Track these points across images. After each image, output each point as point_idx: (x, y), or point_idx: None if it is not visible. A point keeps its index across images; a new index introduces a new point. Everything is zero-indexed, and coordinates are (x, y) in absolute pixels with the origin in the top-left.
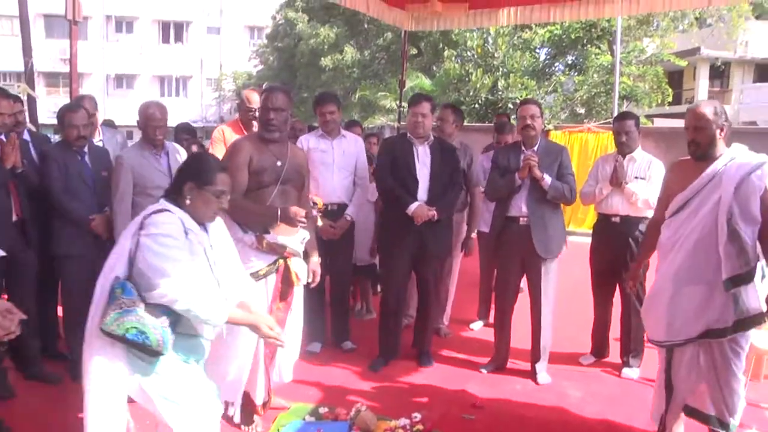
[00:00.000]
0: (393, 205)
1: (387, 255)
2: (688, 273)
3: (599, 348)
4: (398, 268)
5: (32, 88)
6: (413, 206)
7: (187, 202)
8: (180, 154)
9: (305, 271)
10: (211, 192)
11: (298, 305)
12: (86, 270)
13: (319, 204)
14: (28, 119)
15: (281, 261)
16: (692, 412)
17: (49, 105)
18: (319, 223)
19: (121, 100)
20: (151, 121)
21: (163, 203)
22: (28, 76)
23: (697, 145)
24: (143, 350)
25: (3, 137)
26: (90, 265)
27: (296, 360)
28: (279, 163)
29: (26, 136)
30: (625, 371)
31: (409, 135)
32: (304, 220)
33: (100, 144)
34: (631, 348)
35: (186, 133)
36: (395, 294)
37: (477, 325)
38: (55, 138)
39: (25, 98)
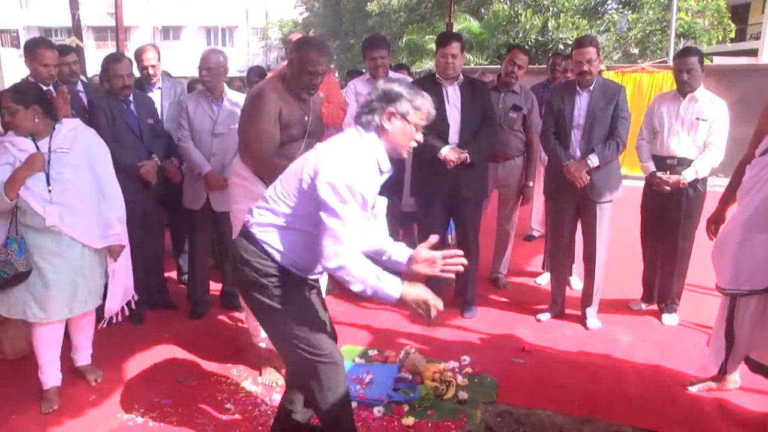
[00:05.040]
0: (424, 150)
1: (422, 200)
2: (762, 219)
3: (650, 294)
4: (434, 214)
5: (80, 41)
6: (444, 150)
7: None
8: (239, 103)
9: None
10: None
11: None
12: (137, 216)
13: None
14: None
15: None
16: (759, 368)
17: (98, 59)
18: None
19: (169, 52)
20: (205, 62)
21: None
22: (75, 29)
23: None
24: None
25: (52, 89)
26: (140, 212)
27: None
28: (306, 118)
29: (79, 86)
30: (666, 318)
31: (437, 76)
32: None
33: (159, 92)
34: (671, 298)
35: (257, 77)
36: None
37: (544, 279)
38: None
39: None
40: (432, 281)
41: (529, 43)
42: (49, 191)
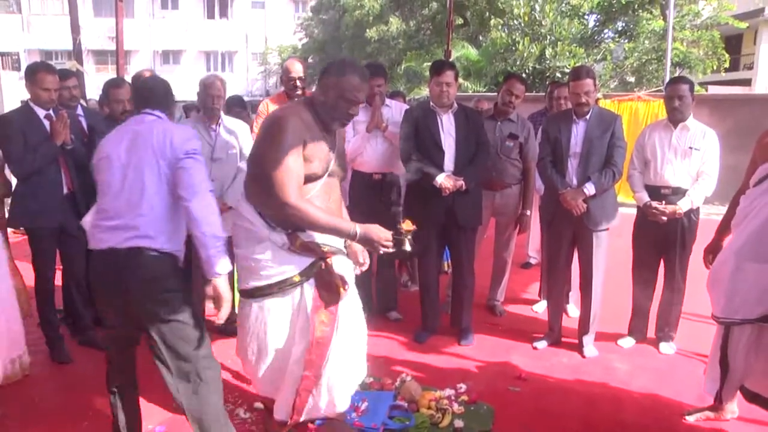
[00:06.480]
0: (418, 178)
1: (417, 227)
2: (754, 249)
3: (639, 327)
4: (429, 241)
5: (81, 65)
6: (440, 177)
7: None
8: (235, 130)
9: (352, 271)
10: None
11: (357, 317)
12: None
13: (407, 226)
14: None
15: (321, 263)
16: (753, 397)
17: (98, 82)
18: (407, 247)
19: (168, 76)
20: (210, 89)
21: None
22: (76, 53)
23: None
24: None
25: (52, 113)
26: None
27: (356, 387)
28: (331, 153)
29: (79, 110)
30: (663, 346)
31: (432, 104)
32: (389, 244)
33: None
34: (668, 326)
35: (237, 106)
36: (429, 266)
37: (541, 306)
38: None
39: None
40: (428, 306)
41: (527, 70)
42: None
